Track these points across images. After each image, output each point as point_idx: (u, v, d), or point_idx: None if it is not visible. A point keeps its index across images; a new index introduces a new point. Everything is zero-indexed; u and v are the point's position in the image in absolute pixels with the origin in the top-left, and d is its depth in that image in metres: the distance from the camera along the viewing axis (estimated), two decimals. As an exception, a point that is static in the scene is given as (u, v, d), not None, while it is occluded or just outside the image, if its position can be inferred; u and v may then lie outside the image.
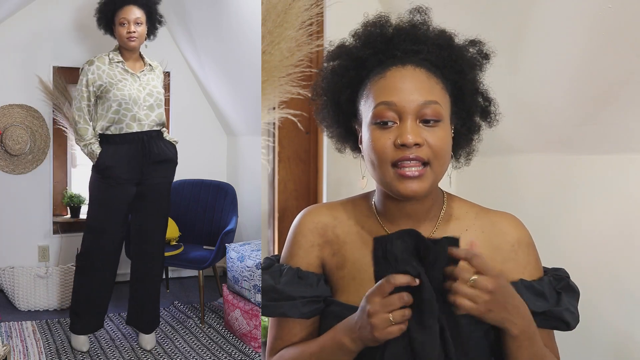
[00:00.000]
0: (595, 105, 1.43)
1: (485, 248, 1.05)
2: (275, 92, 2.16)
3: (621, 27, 1.27)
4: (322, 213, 1.14)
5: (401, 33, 1.02)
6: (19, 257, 2.97)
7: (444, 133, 0.98)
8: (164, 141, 2.48)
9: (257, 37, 2.15)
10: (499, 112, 1.08)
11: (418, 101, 0.96)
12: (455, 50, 1.02)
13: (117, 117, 2.36)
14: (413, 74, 0.98)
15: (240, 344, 2.58)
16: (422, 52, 1.00)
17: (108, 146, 2.37)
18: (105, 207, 2.41)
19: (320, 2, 2.10)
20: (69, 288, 2.89)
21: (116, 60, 2.40)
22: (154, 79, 2.48)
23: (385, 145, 0.97)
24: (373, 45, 1.02)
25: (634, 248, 1.39)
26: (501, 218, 1.08)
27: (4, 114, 2.90)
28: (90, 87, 2.36)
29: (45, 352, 2.44)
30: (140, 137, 2.39)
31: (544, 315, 1.01)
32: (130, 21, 2.37)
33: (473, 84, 1.03)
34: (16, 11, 2.88)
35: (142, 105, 2.39)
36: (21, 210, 2.99)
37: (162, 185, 2.48)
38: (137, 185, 2.43)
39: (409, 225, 1.06)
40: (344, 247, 1.10)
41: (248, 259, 2.56)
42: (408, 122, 0.96)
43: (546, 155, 1.67)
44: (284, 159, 2.48)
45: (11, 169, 2.94)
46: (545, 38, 1.50)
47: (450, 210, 1.09)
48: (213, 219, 3.08)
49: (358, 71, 1.04)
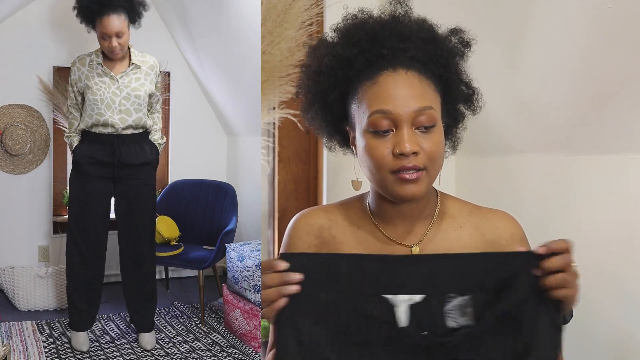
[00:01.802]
0: (595, 105, 1.43)
1: (479, 244, 1.06)
2: (275, 92, 2.16)
3: (621, 27, 1.27)
4: (316, 215, 1.14)
5: (385, 29, 1.01)
6: (19, 257, 2.97)
7: (439, 137, 0.98)
8: (140, 144, 2.46)
9: (257, 37, 2.15)
10: (482, 99, 1.07)
11: (413, 108, 0.95)
12: (439, 43, 1.02)
13: (91, 121, 2.40)
14: (405, 79, 0.97)
15: (240, 344, 2.58)
16: (409, 50, 0.99)
17: (84, 142, 2.43)
18: (82, 202, 2.44)
19: (320, 2, 2.10)
20: (69, 288, 2.90)
21: (96, 62, 2.41)
22: (138, 78, 2.45)
23: (383, 154, 0.97)
24: (358, 43, 1.01)
25: (633, 248, 1.39)
26: (494, 215, 1.09)
27: (4, 114, 2.90)
28: (74, 87, 2.44)
29: (45, 352, 2.44)
30: (111, 140, 2.40)
31: None
32: (112, 35, 2.34)
33: (458, 75, 1.03)
34: (16, 11, 2.88)
35: (117, 109, 2.39)
36: (21, 210, 2.99)
37: (142, 188, 2.50)
38: (114, 183, 2.44)
39: (404, 225, 1.07)
40: (340, 248, 1.10)
41: (248, 259, 2.56)
42: (404, 131, 0.95)
43: (546, 155, 1.67)
44: (284, 159, 2.48)
45: (11, 169, 2.94)
46: (545, 38, 1.50)
47: (444, 208, 1.10)
48: (213, 219, 3.08)
49: (345, 71, 1.02)
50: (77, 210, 2.46)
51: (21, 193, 2.97)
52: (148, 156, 2.49)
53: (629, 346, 1.42)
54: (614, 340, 1.46)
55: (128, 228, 2.51)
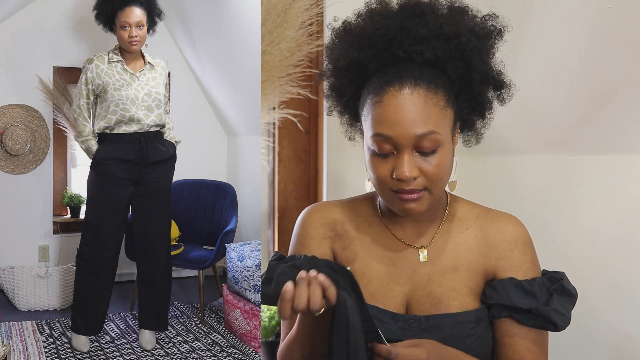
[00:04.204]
0: (595, 105, 1.42)
1: (482, 245, 1.07)
2: (275, 92, 2.16)
3: (621, 27, 1.27)
4: (329, 209, 1.15)
5: (405, 26, 0.97)
6: (19, 257, 2.97)
7: (442, 158, 0.97)
8: (162, 142, 2.48)
9: (257, 37, 2.16)
10: (513, 90, 1.05)
11: (415, 133, 0.94)
12: (463, 38, 0.97)
13: (115, 118, 2.36)
14: (410, 100, 0.94)
15: (240, 344, 2.58)
16: (425, 52, 0.97)
17: (105, 144, 2.38)
18: (102, 205, 2.41)
19: (320, 2, 2.10)
20: (69, 288, 2.89)
21: (115, 59, 2.40)
22: (155, 77, 2.47)
23: (383, 174, 0.98)
24: (374, 45, 0.98)
25: (633, 248, 1.39)
26: (502, 217, 1.09)
27: (4, 114, 2.90)
28: (89, 85, 2.37)
29: (45, 352, 2.44)
30: (137, 138, 2.39)
31: (531, 314, 1.02)
32: (132, 24, 2.34)
33: (481, 73, 1.00)
34: (16, 11, 2.88)
35: (141, 105, 2.39)
36: (21, 210, 2.99)
37: (161, 183, 2.48)
38: (135, 185, 2.43)
39: (412, 226, 1.09)
40: (353, 243, 1.11)
41: (248, 259, 2.56)
42: (404, 156, 0.95)
43: (546, 155, 1.66)
44: (284, 159, 2.48)
45: (11, 169, 2.94)
46: (545, 38, 1.50)
47: (453, 210, 1.11)
48: (213, 219, 3.08)
49: (358, 74, 1.02)
50: (95, 213, 2.42)
51: (21, 193, 2.97)
52: (169, 153, 2.49)
53: (629, 346, 1.42)
54: (614, 340, 1.46)
55: (146, 226, 2.49)
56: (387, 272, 1.07)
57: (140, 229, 2.50)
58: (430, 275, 1.06)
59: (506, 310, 1.03)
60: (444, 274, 1.06)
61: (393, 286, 1.06)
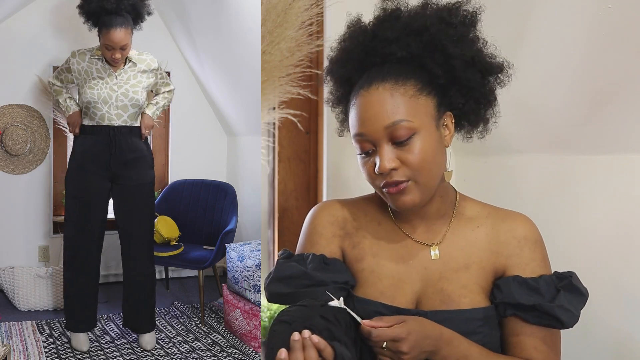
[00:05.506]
0: (595, 105, 1.42)
1: (493, 244, 1.07)
2: (275, 92, 2.16)
3: (621, 27, 1.27)
4: (339, 208, 1.16)
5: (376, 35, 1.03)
6: (19, 257, 2.97)
7: (421, 144, 0.98)
8: (136, 138, 2.49)
9: (257, 36, 2.15)
10: (510, 71, 1.06)
11: (383, 125, 0.97)
12: (432, 31, 1.00)
13: (88, 113, 2.42)
14: (376, 96, 0.98)
15: (240, 344, 2.58)
16: (396, 52, 1.00)
17: (83, 136, 2.44)
18: (80, 200, 2.43)
19: (320, 2, 2.10)
20: (69, 288, 2.90)
21: (97, 57, 2.43)
22: (135, 76, 2.47)
23: (369, 172, 1.02)
24: (354, 59, 1.05)
25: (633, 248, 1.39)
26: (513, 216, 1.10)
27: (4, 114, 2.90)
28: (65, 72, 2.49)
29: (45, 352, 2.44)
30: (107, 131, 2.42)
31: (536, 311, 1.02)
32: (116, 48, 2.35)
33: (462, 59, 1.01)
34: (16, 11, 2.88)
35: (113, 104, 2.41)
36: (21, 210, 2.99)
37: (139, 182, 2.49)
38: (112, 182, 2.44)
39: (422, 224, 1.10)
40: (363, 241, 1.11)
41: (248, 259, 2.56)
42: (381, 149, 0.98)
43: (546, 155, 1.66)
44: (284, 159, 2.48)
45: (11, 169, 2.94)
46: (545, 38, 1.50)
47: (462, 209, 1.11)
48: (213, 219, 3.08)
49: (348, 88, 1.09)
50: (74, 208, 2.45)
51: (21, 193, 2.97)
52: (142, 148, 2.49)
53: (629, 346, 1.42)
54: (614, 340, 1.46)
55: (128, 228, 2.50)
56: (398, 270, 1.07)
57: (121, 232, 2.52)
58: (442, 272, 1.06)
59: (511, 308, 1.03)
60: (455, 271, 1.06)
61: (403, 284, 1.06)
